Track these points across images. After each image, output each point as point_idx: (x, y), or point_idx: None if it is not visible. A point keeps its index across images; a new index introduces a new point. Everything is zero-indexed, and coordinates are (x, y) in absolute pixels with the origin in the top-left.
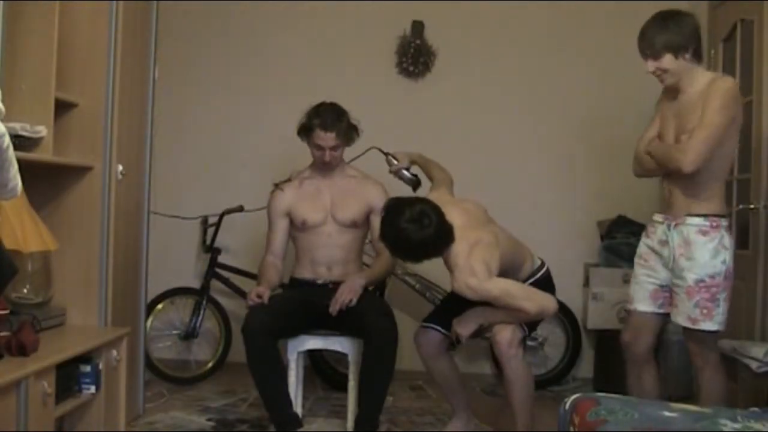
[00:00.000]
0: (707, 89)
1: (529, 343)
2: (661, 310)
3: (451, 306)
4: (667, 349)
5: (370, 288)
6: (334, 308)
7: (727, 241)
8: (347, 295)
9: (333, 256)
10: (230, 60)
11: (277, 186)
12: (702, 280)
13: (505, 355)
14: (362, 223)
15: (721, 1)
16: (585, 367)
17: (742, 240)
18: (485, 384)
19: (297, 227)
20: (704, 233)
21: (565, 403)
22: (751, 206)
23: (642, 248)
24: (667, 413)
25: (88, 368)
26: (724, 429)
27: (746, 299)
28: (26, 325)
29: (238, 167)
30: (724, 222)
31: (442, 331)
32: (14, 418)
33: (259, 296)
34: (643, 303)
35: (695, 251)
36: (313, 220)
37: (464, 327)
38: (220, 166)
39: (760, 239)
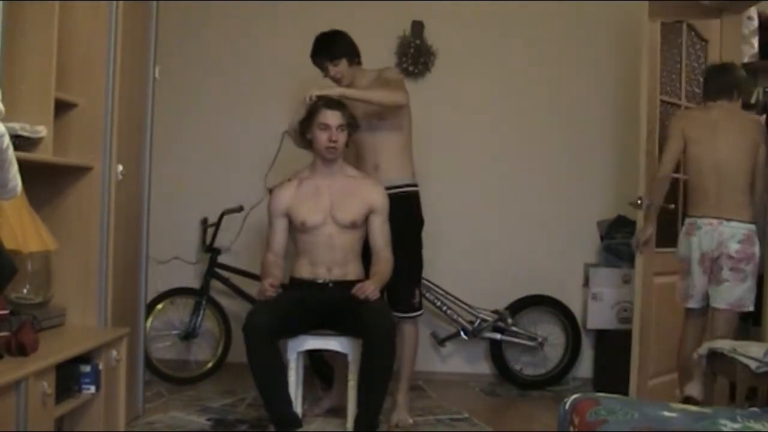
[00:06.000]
0: None
1: (529, 343)
2: None
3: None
4: None
5: None
6: (358, 294)
7: None
8: (368, 290)
9: (333, 257)
10: (230, 60)
11: (271, 192)
12: None
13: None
14: (362, 224)
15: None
16: (585, 367)
17: None
18: (485, 384)
19: (297, 228)
20: None
21: (565, 403)
22: None
23: None
24: (666, 413)
25: (87, 368)
26: (724, 429)
27: None
28: (26, 325)
29: (238, 167)
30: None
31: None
32: (14, 418)
33: (272, 286)
34: None
35: None
36: (312, 221)
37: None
38: (219, 166)
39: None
